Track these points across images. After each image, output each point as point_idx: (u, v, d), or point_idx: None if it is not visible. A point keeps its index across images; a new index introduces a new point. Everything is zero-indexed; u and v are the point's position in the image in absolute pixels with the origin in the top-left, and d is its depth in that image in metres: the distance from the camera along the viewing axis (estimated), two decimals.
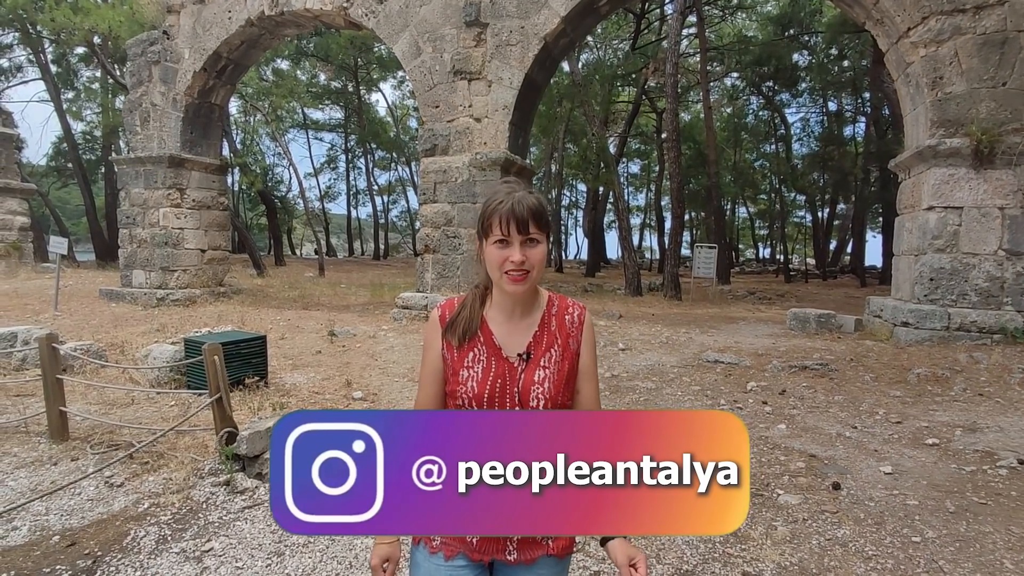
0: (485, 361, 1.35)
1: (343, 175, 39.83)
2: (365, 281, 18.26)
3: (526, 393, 1.32)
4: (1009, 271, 7.21)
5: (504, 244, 1.28)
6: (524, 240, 1.27)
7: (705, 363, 6.65)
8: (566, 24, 9.57)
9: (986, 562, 2.64)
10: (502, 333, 1.38)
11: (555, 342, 1.38)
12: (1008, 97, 7.24)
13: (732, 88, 29.90)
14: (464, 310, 1.40)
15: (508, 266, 1.27)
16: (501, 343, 1.37)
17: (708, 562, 2.66)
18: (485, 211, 1.32)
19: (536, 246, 1.29)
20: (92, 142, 27.40)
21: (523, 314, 1.39)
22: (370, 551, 2.75)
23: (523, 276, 1.28)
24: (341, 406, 5.27)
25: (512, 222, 1.26)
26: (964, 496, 3.32)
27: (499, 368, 1.34)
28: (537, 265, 1.29)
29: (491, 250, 1.30)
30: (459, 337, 1.36)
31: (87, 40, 16.87)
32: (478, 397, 1.32)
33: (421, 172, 10.45)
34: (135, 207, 12.37)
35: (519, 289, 1.30)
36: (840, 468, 3.72)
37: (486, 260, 1.33)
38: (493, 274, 1.32)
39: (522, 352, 1.36)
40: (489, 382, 1.33)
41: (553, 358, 1.36)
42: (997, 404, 5.04)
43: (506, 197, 1.29)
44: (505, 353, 1.36)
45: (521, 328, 1.39)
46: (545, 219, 1.31)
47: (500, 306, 1.39)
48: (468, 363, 1.35)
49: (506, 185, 1.34)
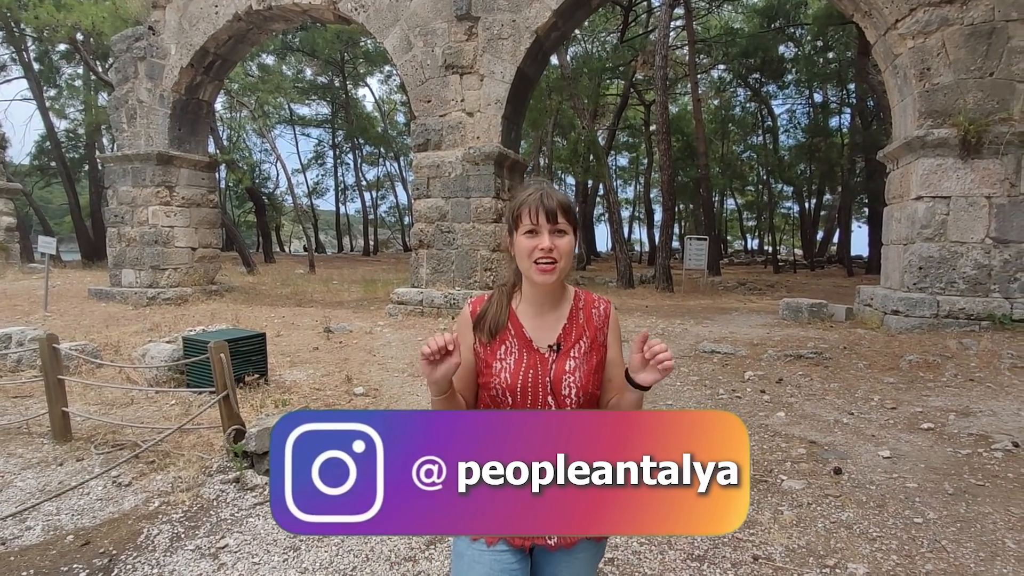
0: (517, 353, 1.40)
1: (331, 171, 39.62)
2: (356, 277, 18.20)
3: (558, 382, 1.37)
4: (996, 259, 7.35)
5: (533, 234, 1.33)
6: (553, 230, 1.33)
7: (702, 353, 6.72)
8: (557, 17, 9.58)
9: (988, 542, 2.72)
10: (532, 326, 1.43)
11: (583, 334, 1.44)
12: (995, 87, 7.36)
13: (719, 80, 30.03)
14: (491, 306, 1.45)
15: (537, 254, 1.32)
16: (531, 335, 1.42)
17: (719, 547, 2.72)
18: (515, 205, 1.38)
19: (564, 236, 1.34)
20: (75, 140, 26.99)
21: (552, 308, 1.45)
22: (383, 543, 2.79)
23: (552, 266, 1.33)
24: (343, 402, 5.28)
25: (541, 211, 1.32)
26: (962, 478, 3.41)
27: (531, 359, 1.39)
28: (565, 255, 1.34)
29: (521, 240, 1.35)
30: (488, 332, 1.41)
31: (70, 37, 16.59)
32: (511, 388, 1.37)
33: (414, 167, 10.43)
34: (123, 205, 12.23)
35: (548, 279, 1.34)
36: (840, 453, 3.80)
37: (516, 251, 1.38)
38: (523, 265, 1.37)
39: (552, 343, 1.41)
40: (522, 373, 1.37)
41: (582, 349, 1.42)
42: (988, 389, 5.16)
43: (536, 190, 1.36)
44: (536, 345, 1.41)
45: (550, 321, 1.44)
46: (573, 213, 1.37)
47: (530, 300, 1.44)
48: (500, 355, 1.40)
49: (535, 182, 1.40)
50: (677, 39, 24.71)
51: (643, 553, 2.69)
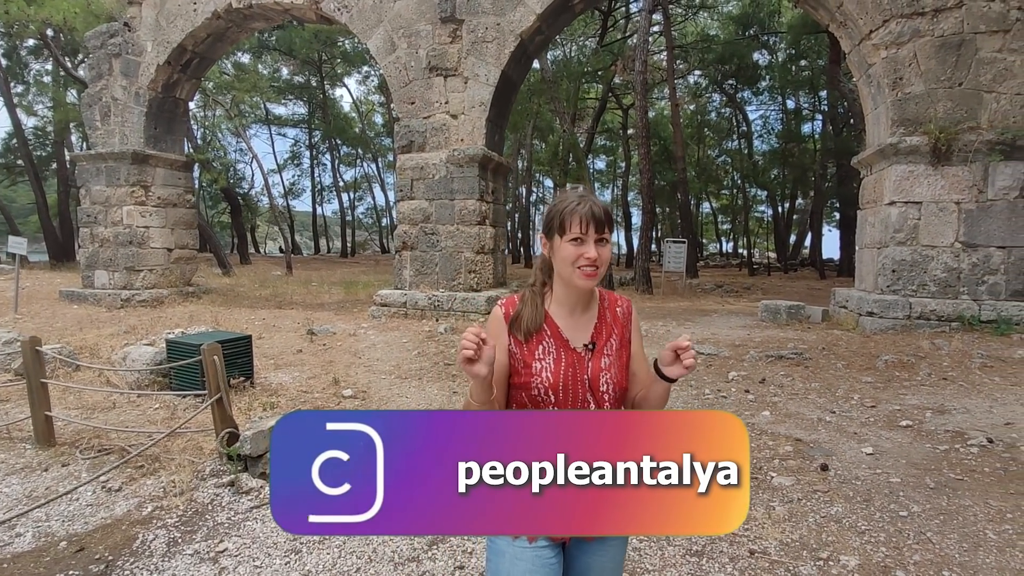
0: (555, 352, 1.45)
1: (307, 171, 39.16)
2: (335, 279, 18.03)
3: (596, 380, 1.44)
4: (965, 262, 7.62)
5: (579, 242, 1.39)
6: (597, 239, 1.40)
7: None
8: (541, 22, 9.66)
9: (970, 533, 2.84)
10: (567, 326, 1.49)
11: (613, 332, 1.52)
12: (964, 97, 7.64)
13: (695, 86, 30.51)
14: (526, 307, 1.49)
15: (582, 262, 1.39)
16: (568, 335, 1.48)
17: (715, 542, 2.79)
18: (560, 211, 1.43)
19: (606, 245, 1.43)
20: (44, 137, 26.24)
21: (583, 308, 1.51)
22: (386, 545, 2.80)
23: (594, 272, 1.40)
24: (332, 404, 5.25)
25: (591, 222, 1.39)
26: (941, 473, 3.54)
27: (568, 358, 1.45)
28: (605, 263, 1.42)
29: (566, 247, 1.41)
30: (524, 332, 1.45)
31: (40, 32, 16.14)
32: (554, 386, 1.42)
33: (397, 169, 10.40)
34: (96, 205, 11.95)
35: (590, 284, 1.42)
36: (825, 450, 3.92)
37: (558, 257, 1.44)
38: (564, 270, 1.43)
39: (587, 343, 1.48)
40: (562, 372, 1.43)
41: (614, 347, 1.50)
42: (961, 387, 5.35)
43: (581, 200, 1.42)
44: (572, 344, 1.47)
45: (583, 321, 1.50)
46: (612, 222, 1.46)
47: (562, 301, 1.50)
48: (539, 355, 1.45)
49: (576, 192, 1.47)
50: (655, 44, 25.06)
51: (643, 549, 2.74)
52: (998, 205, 7.51)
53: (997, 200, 7.51)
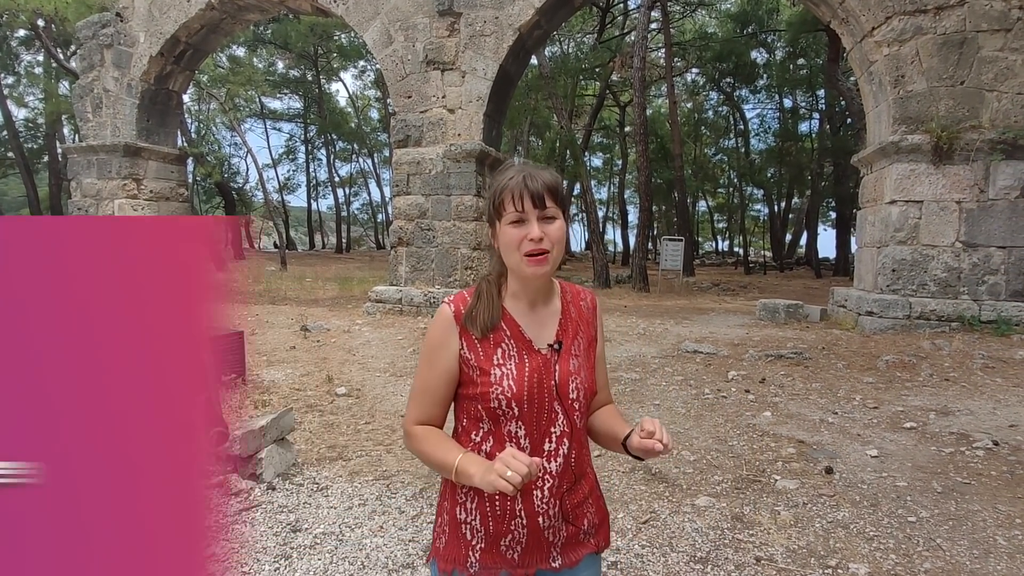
0: (517, 356, 1.24)
1: (302, 166, 38.90)
2: (330, 275, 17.89)
3: (564, 385, 1.24)
4: (966, 262, 7.56)
5: (520, 222, 1.19)
6: (541, 216, 1.19)
7: (685, 353, 6.76)
8: (540, 16, 9.54)
9: (980, 539, 2.77)
10: (528, 324, 1.28)
11: (579, 329, 1.33)
12: (966, 95, 7.58)
13: (692, 84, 30.46)
14: (481, 299, 1.28)
15: (527, 246, 1.18)
16: (530, 335, 1.27)
17: (720, 548, 2.71)
18: (496, 190, 1.23)
19: (554, 222, 1.20)
20: (35, 130, 25.95)
21: (544, 302, 1.31)
22: (379, 550, 2.70)
23: (543, 257, 1.19)
24: (325, 403, 5.15)
25: (527, 196, 1.17)
26: (948, 477, 3.47)
27: (533, 362, 1.24)
28: (557, 243, 1.20)
29: (506, 231, 1.20)
30: (481, 329, 1.24)
31: (31, 22, 15.92)
32: (517, 396, 1.21)
33: (393, 164, 10.28)
34: (88, 198, 11.78)
35: (540, 271, 1.20)
36: (829, 453, 3.84)
37: (501, 244, 1.23)
38: (510, 259, 1.22)
39: (552, 342, 1.27)
40: (526, 378, 1.22)
41: (582, 346, 1.31)
42: (963, 388, 5.29)
43: (517, 172, 1.21)
44: (536, 345, 1.26)
45: (546, 317, 1.30)
46: (561, 194, 1.22)
47: (520, 295, 1.29)
48: (499, 360, 1.23)
49: (515, 165, 1.26)
50: (653, 42, 24.98)
51: (646, 556, 2.66)
52: (999, 205, 7.45)
53: (998, 200, 7.45)
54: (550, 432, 1.24)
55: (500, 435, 1.23)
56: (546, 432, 1.23)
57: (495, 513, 1.22)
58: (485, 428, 1.25)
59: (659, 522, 2.96)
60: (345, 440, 4.18)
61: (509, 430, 1.23)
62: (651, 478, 3.49)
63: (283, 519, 3.00)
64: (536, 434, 1.23)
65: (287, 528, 2.91)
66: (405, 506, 3.15)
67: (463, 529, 1.25)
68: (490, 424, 1.24)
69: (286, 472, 3.55)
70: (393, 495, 3.28)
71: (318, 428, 4.43)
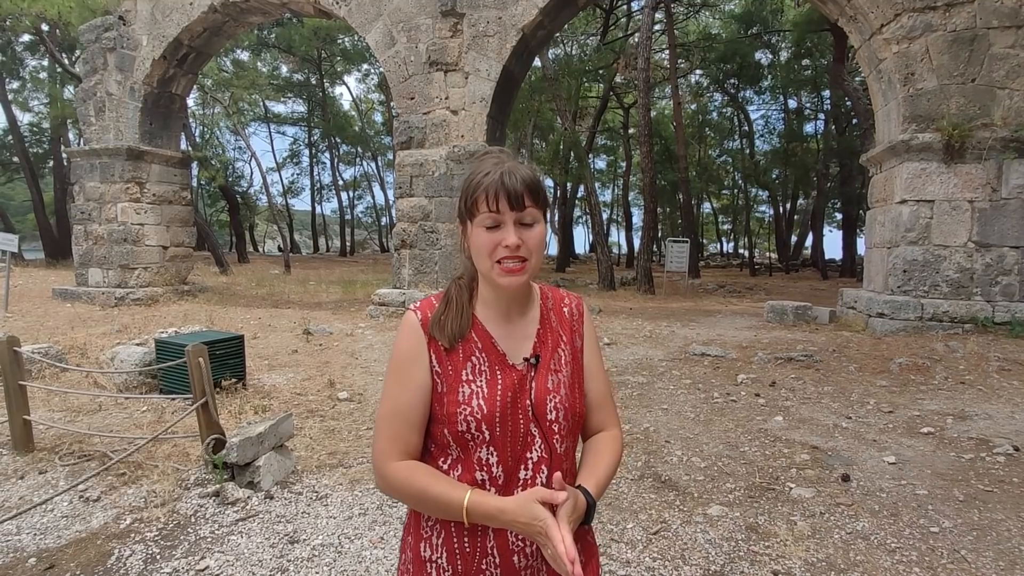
0: (488, 371, 1.10)
1: (307, 170, 38.96)
2: (334, 278, 17.83)
3: (541, 405, 1.10)
4: (978, 262, 7.43)
5: (495, 227, 1.06)
6: (518, 220, 1.05)
7: (692, 356, 6.64)
8: (544, 16, 9.46)
9: (1006, 550, 2.65)
10: (502, 335, 1.14)
11: (560, 340, 1.18)
12: (977, 93, 7.45)
13: (697, 85, 30.33)
14: (450, 305, 1.15)
15: (501, 252, 1.05)
16: (503, 348, 1.13)
17: (735, 561, 2.59)
18: (468, 187, 1.08)
19: (533, 227, 1.07)
20: (40, 134, 26.01)
21: (520, 311, 1.17)
22: (379, 563, 2.60)
23: (520, 266, 1.06)
24: (326, 407, 5.05)
25: (503, 196, 1.04)
26: (970, 484, 3.34)
27: (507, 379, 1.10)
28: (536, 251, 1.07)
29: (478, 234, 1.06)
30: (449, 338, 1.11)
31: (35, 27, 15.93)
32: (488, 418, 1.07)
33: (396, 165, 10.20)
34: (91, 202, 11.74)
35: (515, 282, 1.07)
36: (845, 459, 3.72)
37: (472, 248, 1.09)
38: (482, 265, 1.08)
39: (528, 356, 1.13)
40: (499, 397, 1.08)
41: (563, 359, 1.16)
42: (980, 392, 5.16)
43: (493, 168, 1.07)
44: (510, 360, 1.12)
45: (521, 328, 1.16)
46: (542, 193, 1.09)
47: (491, 303, 1.15)
48: (468, 376, 1.09)
49: (492, 156, 1.11)
50: (657, 43, 24.89)
51: (656, 569, 2.54)
52: (1012, 204, 7.32)
53: (1011, 199, 7.32)
54: (526, 458, 1.09)
55: (470, 463, 1.08)
56: (521, 458, 1.09)
57: (463, 550, 1.08)
58: (453, 456, 1.11)
59: (670, 533, 2.85)
60: (346, 446, 4.08)
61: (480, 457, 1.08)
62: (661, 486, 3.38)
63: (280, 530, 2.90)
64: (510, 462, 1.08)
65: (284, 539, 2.81)
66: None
67: (428, 568, 1.11)
68: (458, 451, 1.09)
69: (285, 480, 3.45)
70: (395, 504, 3.17)
71: (319, 434, 4.33)
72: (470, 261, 1.14)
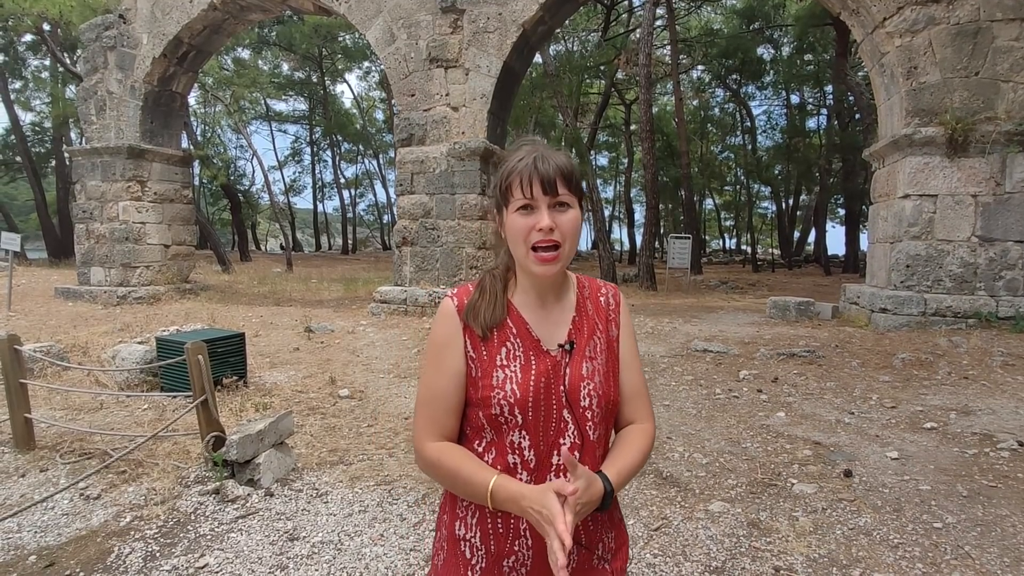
0: (523, 357, 1.12)
1: (308, 168, 38.95)
2: (336, 276, 17.83)
3: (575, 391, 1.11)
4: (982, 257, 7.38)
5: (528, 210, 1.08)
6: (552, 203, 1.07)
7: (694, 352, 6.62)
8: (544, 12, 9.42)
9: (1010, 546, 2.63)
10: (536, 321, 1.15)
11: (596, 328, 1.19)
12: (980, 86, 7.39)
13: (698, 81, 30.22)
14: (484, 294, 1.16)
15: (535, 237, 1.06)
16: (538, 334, 1.15)
17: (736, 557, 2.58)
18: (503, 173, 1.11)
19: (567, 211, 1.08)
20: (42, 134, 26.04)
21: (556, 298, 1.18)
22: (379, 560, 2.59)
23: (554, 255, 1.07)
24: (327, 405, 5.05)
25: (536, 181, 1.06)
26: (973, 480, 3.32)
27: (541, 364, 1.11)
28: (569, 236, 1.08)
29: (513, 220, 1.09)
30: (483, 326, 1.12)
31: (36, 27, 15.93)
32: (521, 402, 1.08)
33: (397, 163, 10.18)
34: (92, 200, 11.75)
35: (550, 270, 1.08)
36: (847, 455, 3.70)
37: (508, 234, 1.12)
38: (518, 251, 1.11)
39: (563, 342, 1.14)
40: (532, 382, 1.09)
41: (598, 347, 1.17)
42: (984, 387, 5.13)
43: (528, 154, 1.09)
44: (544, 346, 1.14)
45: (557, 314, 1.17)
46: (576, 180, 1.10)
47: (528, 290, 1.17)
48: (502, 361, 1.11)
49: (527, 145, 1.13)
50: (658, 39, 24.80)
51: (658, 565, 2.53)
52: (1016, 198, 7.27)
53: (1015, 193, 7.27)
54: (559, 444, 1.10)
55: (503, 446, 1.11)
56: (554, 444, 1.10)
57: (497, 531, 1.11)
58: (487, 439, 1.13)
59: (672, 529, 2.84)
60: (347, 444, 4.08)
61: (512, 440, 1.10)
62: (663, 482, 3.36)
63: (280, 527, 2.89)
64: (543, 446, 1.10)
65: (284, 536, 2.80)
66: (407, 513, 3.03)
67: (462, 546, 1.15)
68: (492, 434, 1.12)
69: (285, 477, 3.45)
70: (395, 501, 3.17)
71: (319, 431, 4.33)
72: (506, 251, 1.17)
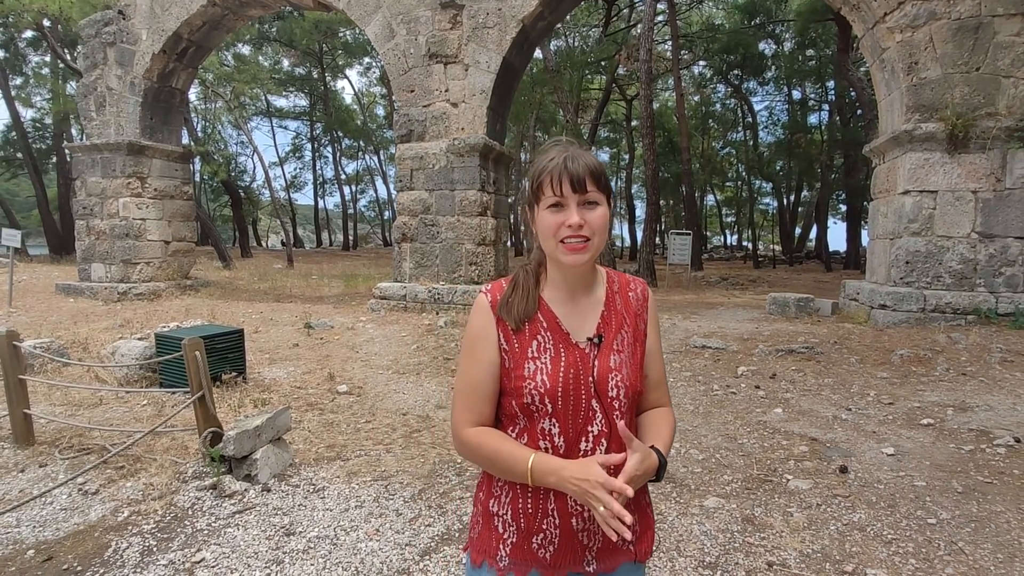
0: (553, 349, 1.18)
1: (309, 164, 38.88)
2: (336, 272, 17.85)
3: (603, 382, 1.17)
4: (982, 253, 7.37)
5: (559, 208, 1.14)
6: (582, 201, 1.13)
7: (693, 348, 6.63)
8: (544, 7, 9.38)
9: (1004, 542, 2.63)
10: (566, 315, 1.22)
11: (624, 322, 1.24)
12: (981, 82, 7.36)
13: (699, 76, 30.12)
14: (517, 289, 1.23)
15: (564, 232, 1.12)
16: (568, 327, 1.21)
17: (729, 552, 2.59)
18: (534, 173, 1.18)
19: (596, 208, 1.14)
20: (43, 130, 26.04)
21: (585, 292, 1.24)
22: (375, 555, 2.60)
23: (583, 244, 1.13)
24: (325, 400, 5.07)
25: (566, 180, 1.12)
26: (969, 476, 3.33)
27: (570, 356, 1.18)
28: (598, 231, 1.14)
29: (544, 216, 1.15)
30: (516, 319, 1.19)
31: (37, 23, 15.92)
32: (551, 392, 1.15)
33: (397, 159, 10.18)
34: (92, 197, 11.76)
35: (579, 260, 1.14)
36: (843, 451, 3.70)
37: (539, 230, 1.18)
38: (548, 245, 1.17)
39: (592, 336, 1.20)
40: (561, 373, 1.16)
41: (625, 340, 1.23)
42: (982, 383, 5.13)
43: (558, 154, 1.16)
44: (574, 338, 1.20)
45: (585, 308, 1.23)
46: (605, 178, 1.16)
47: (559, 284, 1.23)
48: (533, 353, 1.18)
49: (558, 145, 1.19)
50: (659, 34, 24.71)
51: (652, 561, 2.54)
52: (1016, 194, 7.25)
53: (1016, 189, 7.25)
54: (587, 431, 1.17)
55: (534, 433, 1.18)
56: (583, 431, 1.17)
57: (527, 510, 1.19)
58: (520, 425, 1.20)
59: (666, 524, 2.85)
60: (344, 439, 4.09)
61: (543, 427, 1.18)
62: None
63: (277, 522, 2.91)
64: (572, 433, 1.17)
65: (280, 531, 2.82)
66: (403, 508, 3.05)
67: (495, 521, 1.23)
68: (525, 421, 1.19)
69: (282, 473, 3.46)
70: (391, 496, 3.18)
71: (317, 427, 4.34)
72: (538, 248, 1.24)
